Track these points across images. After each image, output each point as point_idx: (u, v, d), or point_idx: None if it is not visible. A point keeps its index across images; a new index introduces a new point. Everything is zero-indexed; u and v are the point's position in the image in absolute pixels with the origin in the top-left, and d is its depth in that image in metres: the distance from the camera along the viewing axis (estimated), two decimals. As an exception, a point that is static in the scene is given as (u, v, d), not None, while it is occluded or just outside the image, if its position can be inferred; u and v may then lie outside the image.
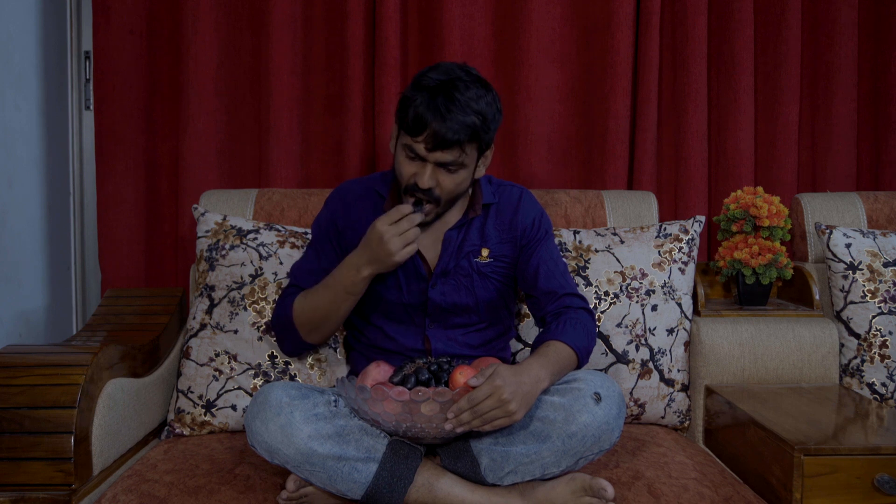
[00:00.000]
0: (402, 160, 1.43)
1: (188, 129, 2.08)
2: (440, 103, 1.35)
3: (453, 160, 1.39)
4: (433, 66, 1.43)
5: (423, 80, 1.39)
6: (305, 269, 1.58)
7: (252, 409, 1.31)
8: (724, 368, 1.79)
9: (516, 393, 1.24)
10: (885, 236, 1.86)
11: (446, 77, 1.38)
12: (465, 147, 1.39)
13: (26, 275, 1.99)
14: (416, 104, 1.37)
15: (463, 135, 1.36)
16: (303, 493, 1.30)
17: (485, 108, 1.38)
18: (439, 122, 1.35)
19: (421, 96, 1.37)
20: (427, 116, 1.35)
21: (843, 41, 2.20)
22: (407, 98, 1.40)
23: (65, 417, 1.34)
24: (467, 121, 1.36)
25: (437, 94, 1.36)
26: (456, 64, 1.43)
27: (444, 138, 1.36)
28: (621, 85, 2.11)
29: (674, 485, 1.37)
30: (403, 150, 1.42)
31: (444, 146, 1.37)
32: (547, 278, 1.52)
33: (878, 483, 1.34)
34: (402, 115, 1.40)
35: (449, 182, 1.42)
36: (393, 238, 1.38)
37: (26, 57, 2.00)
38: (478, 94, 1.38)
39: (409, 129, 1.38)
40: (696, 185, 2.16)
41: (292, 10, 2.09)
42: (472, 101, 1.37)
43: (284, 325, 1.55)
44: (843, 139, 2.23)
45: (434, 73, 1.40)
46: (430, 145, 1.37)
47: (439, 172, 1.41)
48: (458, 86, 1.37)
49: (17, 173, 1.95)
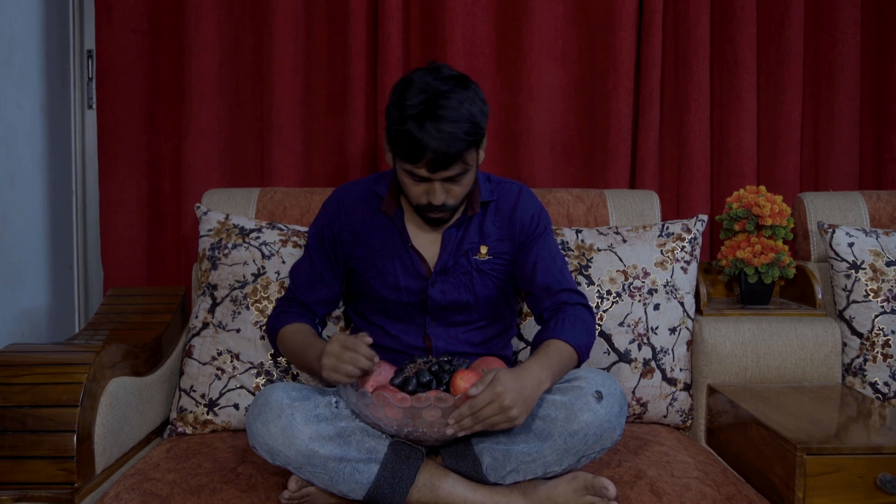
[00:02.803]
0: (408, 183, 1.43)
1: (190, 127, 2.08)
2: (430, 127, 1.33)
3: (458, 172, 1.40)
4: (405, 84, 1.38)
5: (405, 108, 1.35)
6: (301, 273, 1.60)
7: (253, 411, 1.31)
8: (727, 368, 1.78)
9: (517, 399, 1.24)
10: (887, 235, 1.86)
11: (425, 94, 1.35)
12: (466, 156, 1.39)
13: (28, 273, 1.99)
14: (408, 134, 1.34)
15: (461, 146, 1.35)
16: (305, 492, 1.30)
17: (472, 110, 1.36)
18: (436, 144, 1.33)
19: (410, 124, 1.34)
20: (422, 142, 1.33)
21: (845, 40, 2.20)
22: (395, 131, 1.36)
23: (67, 416, 1.34)
24: (460, 132, 1.34)
25: (425, 119, 1.33)
26: (425, 70, 1.40)
27: (445, 158, 1.35)
28: (624, 84, 2.10)
29: (676, 484, 1.37)
30: (406, 175, 1.42)
31: (446, 165, 1.37)
32: (544, 274, 1.52)
33: (880, 482, 1.34)
34: (395, 145, 1.38)
35: (459, 189, 1.44)
36: (332, 365, 1.31)
37: (29, 56, 2.00)
38: (460, 99, 1.36)
39: (408, 157, 1.37)
40: (699, 184, 2.16)
41: (294, 9, 2.09)
42: (459, 109, 1.34)
43: (271, 336, 1.59)
44: (846, 138, 2.22)
45: (412, 97, 1.35)
46: (432, 168, 1.37)
47: (447, 185, 1.42)
48: (440, 101, 1.34)
49: (19, 172, 1.95)
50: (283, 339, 1.54)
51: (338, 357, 1.30)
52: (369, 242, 1.56)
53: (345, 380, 1.31)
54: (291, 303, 1.59)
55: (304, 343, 1.49)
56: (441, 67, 1.40)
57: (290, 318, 1.55)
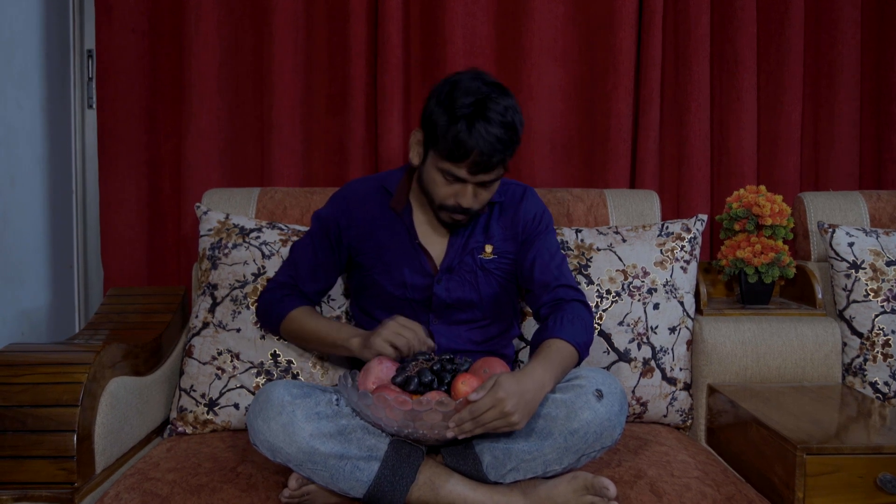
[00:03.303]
0: (440, 182, 1.44)
1: (190, 127, 2.08)
2: (481, 128, 1.35)
3: (495, 178, 1.43)
4: (451, 85, 1.41)
5: (455, 108, 1.37)
6: (304, 262, 1.61)
7: (254, 408, 1.31)
8: (727, 367, 1.78)
9: (518, 404, 1.24)
10: (887, 235, 1.86)
11: (475, 97, 1.37)
12: (506, 161, 1.42)
13: (29, 273, 1.99)
14: (457, 133, 1.36)
15: (507, 153, 1.39)
16: (305, 491, 1.30)
17: (515, 117, 1.40)
18: (484, 146, 1.36)
19: (460, 124, 1.36)
20: (469, 144, 1.36)
21: (845, 39, 2.20)
22: (443, 127, 1.38)
23: (67, 416, 1.34)
24: (507, 138, 1.38)
25: (475, 119, 1.36)
26: (470, 74, 1.43)
27: (489, 161, 1.38)
28: (624, 84, 2.11)
29: (676, 484, 1.37)
30: (440, 173, 1.43)
31: (488, 168, 1.39)
32: (542, 270, 1.53)
33: (880, 482, 1.34)
34: (440, 142, 1.39)
35: (487, 195, 1.47)
36: (390, 338, 1.40)
37: (29, 55, 2.00)
38: (507, 105, 1.39)
39: (452, 156, 1.39)
40: (699, 183, 2.16)
41: (294, 9, 2.10)
42: (506, 115, 1.37)
43: (271, 320, 1.60)
44: (846, 138, 2.23)
45: (462, 97, 1.38)
46: (474, 170, 1.39)
47: (479, 189, 1.44)
48: (490, 105, 1.37)
49: (19, 172, 1.95)
50: (296, 318, 1.56)
51: (401, 325, 1.41)
52: (377, 238, 1.57)
53: (402, 343, 1.39)
54: (293, 290, 1.61)
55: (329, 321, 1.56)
56: (483, 73, 1.43)
57: (298, 303, 1.59)
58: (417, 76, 2.16)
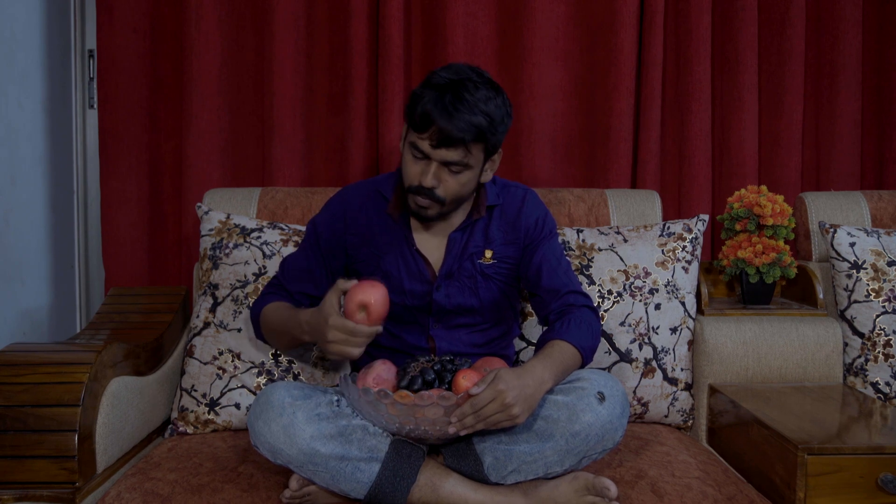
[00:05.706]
0: (409, 159, 1.43)
1: (191, 127, 2.08)
2: (448, 101, 1.35)
3: (458, 160, 1.39)
4: (446, 66, 1.43)
5: (433, 79, 1.40)
6: (292, 266, 1.58)
7: (255, 410, 1.32)
8: (728, 367, 1.78)
9: (519, 397, 1.24)
10: (889, 235, 1.86)
11: (457, 77, 1.38)
12: (471, 147, 1.38)
13: (30, 273, 1.99)
14: (424, 101, 1.37)
15: (468, 134, 1.36)
16: (306, 492, 1.30)
17: (493, 109, 1.38)
18: (445, 120, 1.35)
19: (429, 93, 1.37)
20: (433, 113, 1.35)
21: (847, 39, 2.20)
22: (416, 94, 1.40)
23: (68, 415, 1.34)
24: (474, 120, 1.36)
25: (446, 92, 1.36)
26: (468, 66, 1.43)
27: (449, 135, 1.35)
28: (625, 83, 2.10)
29: (677, 484, 1.37)
30: (410, 149, 1.42)
31: (448, 143, 1.37)
32: (550, 277, 1.52)
33: (881, 482, 1.34)
34: (410, 111, 1.40)
35: (453, 183, 1.42)
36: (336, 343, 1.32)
37: (30, 55, 2.00)
38: (487, 95, 1.38)
39: (416, 125, 1.38)
40: (700, 183, 2.16)
41: (295, 9, 2.09)
42: (480, 102, 1.36)
43: (254, 316, 1.57)
44: (848, 138, 2.22)
45: (445, 73, 1.40)
46: (434, 142, 1.37)
47: (443, 172, 1.41)
48: (468, 86, 1.37)
49: (20, 172, 1.95)
50: (265, 315, 1.53)
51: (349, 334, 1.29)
52: (374, 244, 1.55)
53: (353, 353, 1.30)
54: (278, 289, 1.58)
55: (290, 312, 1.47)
56: (481, 70, 1.44)
57: (273, 299, 1.55)
58: (418, 76, 2.16)
